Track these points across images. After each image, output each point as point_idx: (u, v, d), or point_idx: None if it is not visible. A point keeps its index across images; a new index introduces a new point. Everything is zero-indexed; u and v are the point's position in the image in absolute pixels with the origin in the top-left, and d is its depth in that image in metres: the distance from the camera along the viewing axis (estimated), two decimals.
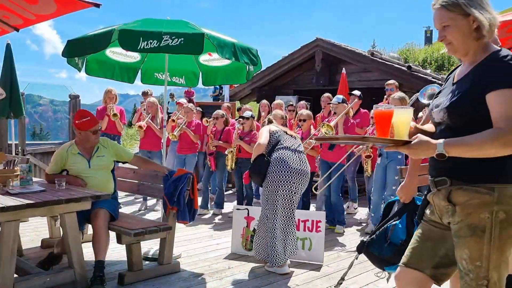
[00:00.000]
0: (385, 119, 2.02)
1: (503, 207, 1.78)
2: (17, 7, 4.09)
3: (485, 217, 1.80)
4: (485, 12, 1.82)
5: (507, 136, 1.69)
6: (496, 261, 1.81)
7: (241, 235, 4.79)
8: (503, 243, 1.80)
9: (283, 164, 4.14)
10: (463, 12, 1.82)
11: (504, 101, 1.72)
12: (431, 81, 7.88)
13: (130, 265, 3.89)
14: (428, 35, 27.21)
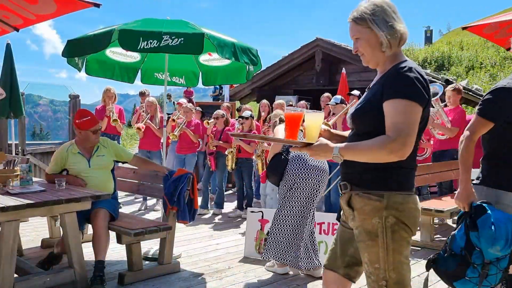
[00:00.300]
0: (294, 121, 2.12)
1: (392, 213, 1.90)
2: (17, 7, 4.09)
3: (376, 222, 1.91)
4: (387, 28, 1.92)
5: (393, 144, 1.79)
6: (393, 263, 1.92)
7: (255, 239, 4.62)
8: (398, 245, 1.92)
9: (301, 162, 4.01)
10: (369, 26, 1.94)
11: (394, 111, 1.82)
12: (431, 80, 7.89)
13: (130, 265, 3.89)
14: (428, 35, 27.25)
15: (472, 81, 14.07)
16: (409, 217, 1.92)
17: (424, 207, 5.05)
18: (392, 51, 1.96)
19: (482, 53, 17.16)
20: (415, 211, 1.95)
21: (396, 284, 1.93)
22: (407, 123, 1.80)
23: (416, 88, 1.83)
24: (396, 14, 1.97)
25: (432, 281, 3.97)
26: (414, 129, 1.83)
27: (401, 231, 1.91)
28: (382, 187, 1.92)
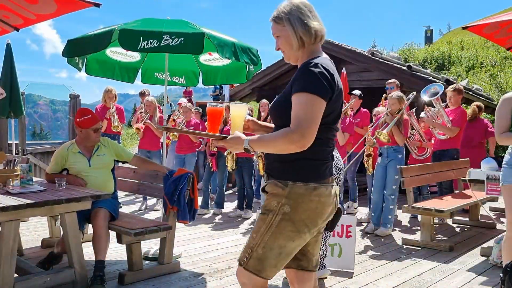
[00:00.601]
0: (215, 116, 2.28)
1: (290, 202, 2.03)
2: (18, 6, 4.09)
3: (274, 204, 2.06)
4: (302, 26, 2.03)
5: (293, 135, 1.90)
6: (266, 242, 2.06)
7: None
8: (278, 232, 2.04)
9: None
10: (286, 24, 2.06)
11: (297, 103, 1.93)
12: (432, 80, 7.89)
13: (130, 265, 3.89)
14: (428, 34, 27.24)
15: (472, 81, 14.07)
16: (308, 209, 2.03)
17: (424, 207, 5.05)
18: (307, 47, 2.07)
19: (482, 53, 17.15)
20: (317, 205, 2.04)
21: (257, 259, 2.06)
22: (307, 115, 1.90)
23: (318, 82, 1.92)
24: (312, 13, 2.07)
25: (432, 281, 3.97)
26: (314, 121, 1.91)
27: (290, 223, 2.03)
28: (287, 177, 2.05)
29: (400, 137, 5.42)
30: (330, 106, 1.98)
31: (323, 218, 2.10)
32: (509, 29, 4.55)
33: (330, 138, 2.10)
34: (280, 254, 2.06)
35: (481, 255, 4.71)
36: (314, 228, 2.09)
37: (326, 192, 2.06)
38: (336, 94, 2.00)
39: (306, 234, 2.08)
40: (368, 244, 5.21)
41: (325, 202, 2.06)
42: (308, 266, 2.23)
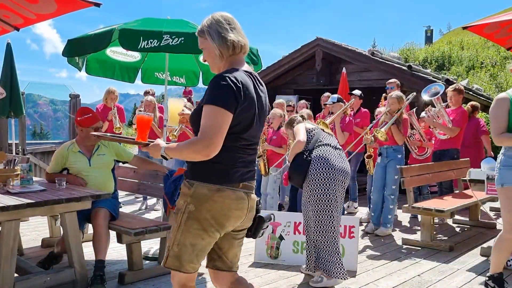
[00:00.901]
0: (143, 123, 2.48)
1: (194, 201, 2.15)
2: (18, 6, 4.09)
3: (181, 203, 2.20)
4: (219, 39, 2.16)
5: (197, 145, 2.04)
6: (179, 240, 2.19)
7: (266, 242, 4.46)
8: (186, 230, 2.17)
9: (325, 162, 3.79)
10: (207, 37, 2.20)
11: (204, 115, 2.05)
12: (432, 80, 7.89)
13: (130, 265, 3.89)
14: (429, 34, 27.23)
15: (473, 80, 14.06)
16: (211, 209, 2.14)
17: (425, 207, 5.05)
18: (227, 59, 2.20)
19: (482, 53, 17.15)
20: (221, 207, 2.14)
21: (174, 257, 2.20)
22: (211, 126, 2.02)
23: (222, 95, 2.04)
24: (230, 25, 2.20)
25: (432, 281, 3.97)
26: (219, 132, 2.02)
27: (195, 221, 2.15)
28: (194, 177, 2.20)
29: (399, 136, 5.41)
30: (237, 117, 2.08)
31: (230, 221, 2.19)
32: (509, 29, 4.55)
33: (239, 147, 2.18)
34: (193, 251, 2.19)
35: (481, 255, 4.71)
36: (221, 228, 2.18)
37: (232, 196, 2.16)
38: (245, 106, 2.09)
39: (215, 233, 2.18)
40: (368, 244, 5.21)
41: (230, 204, 2.15)
42: (222, 267, 2.37)
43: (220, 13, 2.25)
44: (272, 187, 6.36)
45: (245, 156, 2.23)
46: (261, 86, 2.30)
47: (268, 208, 6.25)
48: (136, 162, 4.40)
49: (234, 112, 2.05)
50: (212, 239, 2.20)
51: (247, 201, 2.24)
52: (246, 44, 2.24)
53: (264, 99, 2.28)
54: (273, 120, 6.29)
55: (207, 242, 2.20)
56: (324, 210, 3.79)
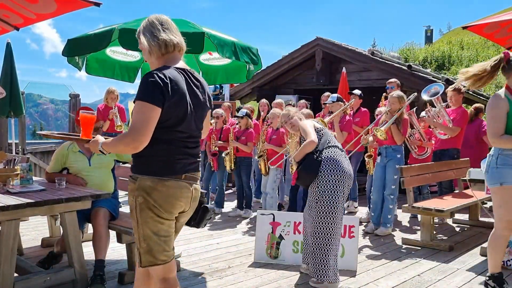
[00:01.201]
0: (87, 122, 2.69)
1: (141, 193, 2.25)
2: (18, 6, 4.09)
3: (132, 199, 2.30)
4: (152, 38, 2.33)
5: (126, 139, 2.17)
6: (143, 235, 2.28)
7: (266, 242, 4.45)
8: (144, 221, 2.27)
9: (336, 164, 3.74)
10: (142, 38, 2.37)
11: (133, 111, 2.18)
12: (432, 80, 7.89)
13: (130, 264, 3.89)
14: (429, 34, 27.24)
15: None
16: (157, 199, 2.24)
17: (424, 207, 5.06)
18: (161, 57, 2.34)
19: (482, 53, 17.16)
20: (166, 195, 2.25)
21: (147, 253, 2.30)
22: (139, 121, 2.14)
23: (149, 91, 2.15)
24: (163, 26, 2.36)
25: (432, 280, 3.98)
26: (146, 125, 2.13)
27: (148, 210, 2.25)
28: (137, 171, 2.29)
29: (398, 136, 5.41)
30: (167, 111, 2.19)
31: (176, 208, 2.31)
32: (509, 28, 4.56)
33: (177, 140, 2.29)
34: (159, 238, 2.29)
35: (481, 255, 4.71)
36: (170, 214, 2.30)
37: (175, 185, 2.28)
38: (174, 101, 2.21)
39: (169, 216, 2.31)
40: (368, 243, 5.21)
41: (175, 193, 2.28)
42: None
43: (156, 15, 2.41)
44: (272, 186, 6.36)
45: (186, 149, 2.33)
46: (197, 81, 2.43)
47: (268, 207, 6.26)
48: None
49: (163, 106, 2.17)
50: (170, 222, 2.33)
51: (190, 191, 2.36)
52: (180, 43, 2.39)
53: (201, 93, 2.42)
54: (272, 120, 6.29)
55: (167, 225, 2.31)
56: (329, 212, 3.74)
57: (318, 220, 3.76)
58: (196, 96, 2.37)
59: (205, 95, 2.48)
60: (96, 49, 4.13)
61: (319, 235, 3.76)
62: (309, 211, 3.91)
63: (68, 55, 4.30)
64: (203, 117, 2.48)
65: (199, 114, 2.40)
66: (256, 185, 7.55)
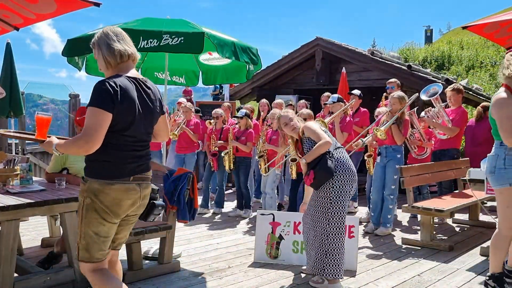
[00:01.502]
0: (42, 123, 2.85)
1: (90, 195, 2.42)
2: (18, 6, 4.09)
3: (81, 199, 2.47)
4: (107, 49, 2.46)
5: (79, 141, 2.35)
6: (84, 233, 2.46)
7: (266, 242, 4.45)
8: (88, 221, 2.44)
9: (346, 165, 3.76)
10: (96, 48, 2.52)
11: (86, 116, 2.36)
12: (432, 80, 7.89)
13: (130, 264, 3.89)
14: (428, 34, 27.22)
15: (472, 80, 14.06)
16: (104, 201, 2.41)
17: (424, 207, 5.05)
18: (115, 67, 2.49)
19: (482, 53, 17.14)
20: (113, 198, 2.42)
21: (84, 249, 2.47)
22: (91, 125, 2.31)
23: (99, 97, 2.32)
24: (118, 37, 2.50)
25: (432, 280, 3.98)
26: (97, 129, 2.31)
27: (93, 211, 2.43)
28: (88, 174, 2.47)
29: (399, 136, 5.41)
30: (116, 116, 2.35)
31: (122, 209, 2.47)
32: (509, 28, 4.56)
33: (126, 144, 2.46)
34: (99, 238, 2.46)
35: (481, 255, 4.71)
36: (117, 215, 2.47)
37: (122, 188, 2.44)
38: (123, 107, 2.37)
39: (113, 219, 2.47)
40: (368, 243, 5.21)
41: (120, 195, 2.44)
42: (116, 246, 2.67)
43: (110, 27, 2.57)
44: (271, 187, 6.36)
45: (134, 153, 2.50)
46: (148, 89, 2.56)
47: (267, 207, 6.26)
48: None
49: (113, 112, 2.33)
50: (112, 225, 2.49)
51: (138, 191, 2.52)
52: (134, 53, 2.54)
53: (151, 100, 2.55)
54: (272, 121, 6.29)
55: (108, 227, 2.48)
56: (340, 212, 3.72)
57: (329, 219, 3.71)
58: (146, 102, 2.52)
59: (156, 101, 2.62)
60: None
61: (329, 234, 3.70)
62: (312, 210, 3.83)
63: (68, 55, 4.30)
64: (153, 122, 2.64)
65: (149, 119, 2.56)
66: (256, 185, 7.55)
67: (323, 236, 3.71)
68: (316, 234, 3.76)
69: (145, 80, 2.58)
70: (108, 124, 2.34)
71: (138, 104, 2.46)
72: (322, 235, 3.72)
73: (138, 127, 2.47)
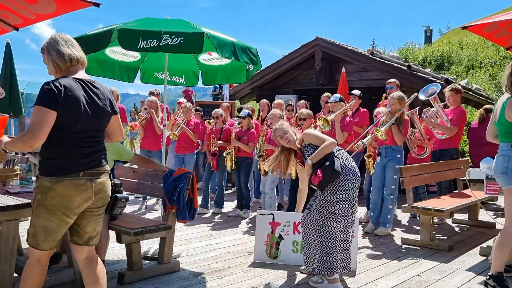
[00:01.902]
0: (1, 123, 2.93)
1: (40, 191, 2.57)
2: (17, 6, 4.08)
3: (34, 193, 2.62)
4: (56, 53, 2.62)
5: (23, 138, 2.53)
6: (34, 223, 2.62)
7: (265, 242, 4.46)
8: (37, 215, 2.60)
9: (350, 165, 3.83)
10: (46, 53, 2.68)
11: (32, 114, 2.49)
12: (431, 80, 7.89)
13: (129, 264, 3.89)
14: (428, 34, 27.24)
15: (472, 80, 14.07)
16: (53, 198, 2.55)
17: (424, 207, 5.06)
18: (65, 70, 2.64)
19: (481, 53, 17.14)
20: (62, 195, 2.55)
21: (32, 236, 2.63)
22: (35, 122, 2.46)
23: (44, 96, 2.48)
24: (67, 42, 2.66)
25: (431, 280, 3.98)
26: (40, 126, 2.46)
27: (42, 207, 2.57)
28: (40, 172, 2.61)
29: (399, 136, 5.41)
30: (61, 114, 2.49)
31: (74, 204, 2.60)
32: (509, 28, 4.55)
33: (73, 140, 2.60)
34: (46, 232, 2.60)
35: (480, 255, 4.72)
36: (68, 211, 2.60)
37: (71, 184, 2.57)
38: (67, 105, 2.50)
39: (63, 216, 2.60)
40: (368, 243, 5.21)
41: (69, 191, 2.57)
42: (79, 241, 2.77)
43: (59, 34, 2.71)
44: (270, 187, 6.36)
45: (83, 149, 2.64)
46: (96, 89, 2.70)
47: (267, 207, 6.26)
48: (137, 161, 4.40)
49: (57, 110, 2.47)
50: (61, 221, 2.61)
51: (90, 187, 2.64)
52: (83, 57, 2.70)
53: (99, 99, 2.69)
54: (272, 121, 6.28)
55: (56, 224, 2.61)
56: (343, 210, 3.75)
57: (336, 217, 3.73)
58: (94, 101, 2.66)
59: (106, 101, 2.75)
60: (96, 49, 4.13)
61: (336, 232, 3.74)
62: (318, 210, 3.79)
63: None
64: (104, 121, 2.77)
65: (99, 117, 2.70)
66: (255, 185, 7.56)
67: (329, 235, 3.72)
68: (321, 233, 3.75)
69: (93, 81, 2.74)
70: (53, 121, 2.48)
71: (84, 102, 2.60)
72: (328, 234, 3.72)
73: (86, 124, 2.61)
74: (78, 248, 2.79)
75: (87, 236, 2.77)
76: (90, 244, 2.80)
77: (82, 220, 2.73)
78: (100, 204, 2.77)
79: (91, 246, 2.82)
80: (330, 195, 3.73)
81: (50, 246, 2.66)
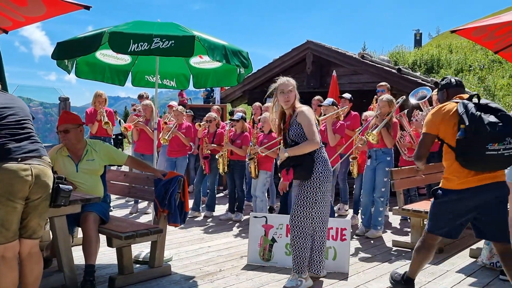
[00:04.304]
0: None
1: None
2: (6, 9, 4.05)
3: None
4: None
5: None
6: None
7: (259, 245, 4.49)
8: None
9: (328, 164, 3.84)
10: None
11: None
12: (421, 83, 7.95)
13: (120, 269, 3.87)
14: (418, 38, 27.44)
15: None
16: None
17: (414, 209, 5.09)
18: None
19: (470, 56, 17.31)
20: (3, 177, 2.65)
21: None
22: None
23: None
24: None
25: (422, 282, 4.00)
26: None
27: (1, 198, 2.64)
28: None
29: (389, 139, 5.45)
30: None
31: (16, 187, 2.68)
32: (497, 32, 4.60)
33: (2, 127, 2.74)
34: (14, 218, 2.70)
35: (470, 257, 4.76)
36: (12, 195, 2.67)
37: (10, 168, 2.66)
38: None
39: (8, 202, 2.67)
40: (359, 246, 5.23)
41: (9, 174, 2.66)
42: (24, 234, 2.84)
43: None
44: (261, 190, 6.36)
45: (13, 135, 2.77)
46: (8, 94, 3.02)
47: (258, 210, 6.26)
48: (131, 163, 4.37)
49: None
50: (8, 208, 2.69)
51: (29, 171, 2.73)
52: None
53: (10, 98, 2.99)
54: (264, 124, 6.30)
55: (4, 211, 2.68)
56: (320, 211, 3.83)
57: (313, 218, 3.81)
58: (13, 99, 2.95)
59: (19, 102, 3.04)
60: (86, 52, 4.11)
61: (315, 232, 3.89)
62: (296, 211, 3.83)
63: (58, 58, 4.27)
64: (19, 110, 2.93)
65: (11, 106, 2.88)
66: (247, 188, 7.55)
67: (302, 234, 3.81)
68: (298, 234, 3.82)
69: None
70: None
71: None
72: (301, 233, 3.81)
73: (8, 115, 2.78)
74: (23, 242, 2.85)
75: (30, 229, 2.85)
76: (34, 237, 2.88)
77: (26, 214, 2.81)
78: (40, 193, 2.83)
79: (35, 241, 2.89)
80: (308, 196, 3.78)
81: (6, 238, 2.71)
